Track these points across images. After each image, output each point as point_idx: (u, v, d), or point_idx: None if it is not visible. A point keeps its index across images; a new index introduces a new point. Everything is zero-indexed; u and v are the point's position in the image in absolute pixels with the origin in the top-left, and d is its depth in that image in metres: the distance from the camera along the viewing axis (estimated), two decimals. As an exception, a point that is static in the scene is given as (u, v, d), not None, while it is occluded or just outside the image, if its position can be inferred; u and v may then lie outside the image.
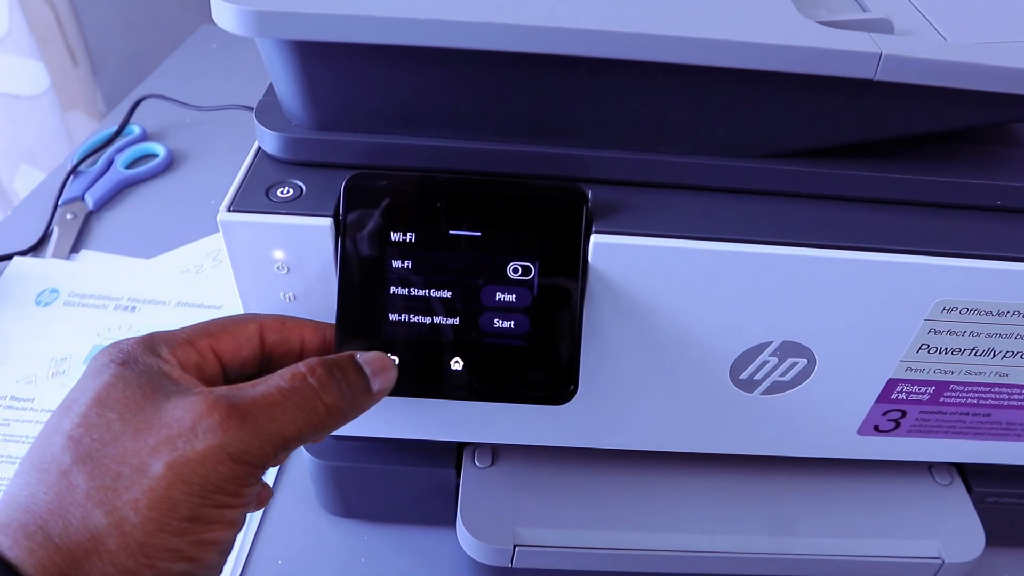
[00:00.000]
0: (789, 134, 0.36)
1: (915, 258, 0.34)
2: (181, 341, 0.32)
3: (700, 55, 0.32)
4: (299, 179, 0.36)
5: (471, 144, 0.36)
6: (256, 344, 0.34)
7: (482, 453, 0.47)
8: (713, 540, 0.44)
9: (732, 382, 0.40)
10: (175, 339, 0.32)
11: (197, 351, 0.32)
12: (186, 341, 0.32)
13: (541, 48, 0.32)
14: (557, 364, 0.35)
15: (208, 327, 0.34)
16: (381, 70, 0.34)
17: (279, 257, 0.35)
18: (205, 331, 0.33)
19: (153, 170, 0.82)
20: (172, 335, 0.33)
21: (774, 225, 0.35)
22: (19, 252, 0.70)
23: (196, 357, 0.32)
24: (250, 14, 0.31)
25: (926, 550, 0.45)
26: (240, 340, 0.34)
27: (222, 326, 0.34)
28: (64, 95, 1.12)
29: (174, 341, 0.32)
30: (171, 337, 0.33)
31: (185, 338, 0.33)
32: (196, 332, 0.33)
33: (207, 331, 0.33)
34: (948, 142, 0.39)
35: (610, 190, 0.36)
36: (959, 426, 0.42)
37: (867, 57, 0.32)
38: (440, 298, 0.35)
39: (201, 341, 0.33)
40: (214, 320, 0.34)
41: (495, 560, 0.44)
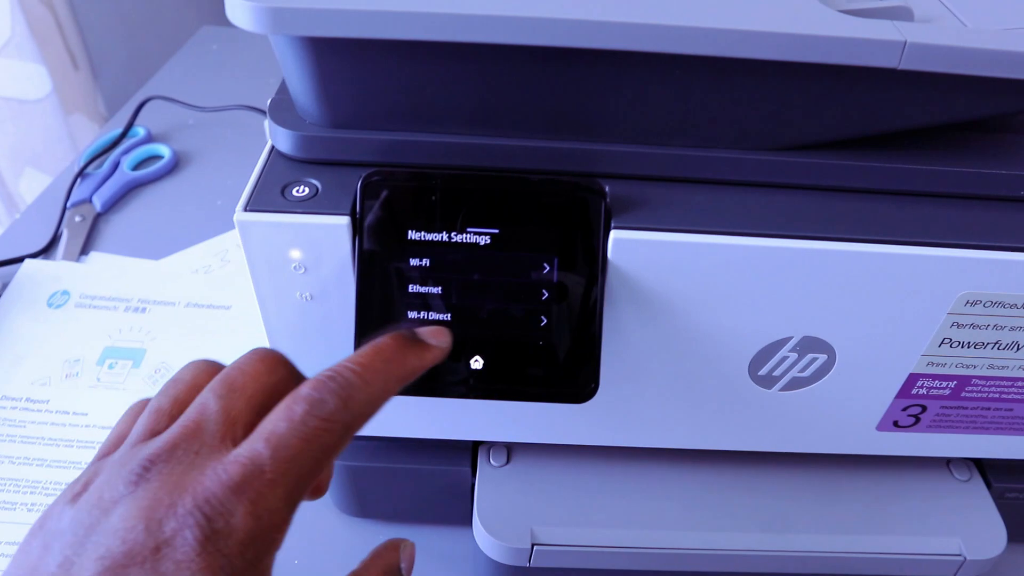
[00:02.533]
0: (810, 126, 0.36)
1: (938, 251, 0.34)
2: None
3: (722, 46, 0.31)
4: (314, 178, 0.36)
5: (488, 140, 0.36)
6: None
7: (497, 452, 0.47)
8: (730, 537, 0.44)
9: (751, 378, 0.39)
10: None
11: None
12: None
13: (558, 41, 0.31)
14: (577, 362, 0.35)
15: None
16: (396, 66, 0.34)
17: (296, 257, 0.35)
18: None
19: (159, 171, 0.81)
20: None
21: (794, 219, 0.35)
22: (30, 255, 0.70)
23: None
24: (265, 11, 0.31)
25: (947, 547, 0.44)
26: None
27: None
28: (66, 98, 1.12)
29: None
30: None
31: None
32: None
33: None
34: (969, 131, 0.38)
35: (629, 185, 0.36)
36: (980, 421, 0.42)
37: (891, 46, 0.32)
38: (458, 296, 0.35)
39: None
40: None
41: (513, 559, 0.43)
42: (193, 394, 0.30)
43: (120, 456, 0.28)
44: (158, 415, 0.29)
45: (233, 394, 0.28)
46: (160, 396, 0.30)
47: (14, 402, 0.58)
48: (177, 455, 0.27)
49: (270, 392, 0.29)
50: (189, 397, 0.30)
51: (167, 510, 0.25)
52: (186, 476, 0.26)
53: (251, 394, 0.29)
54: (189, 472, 0.26)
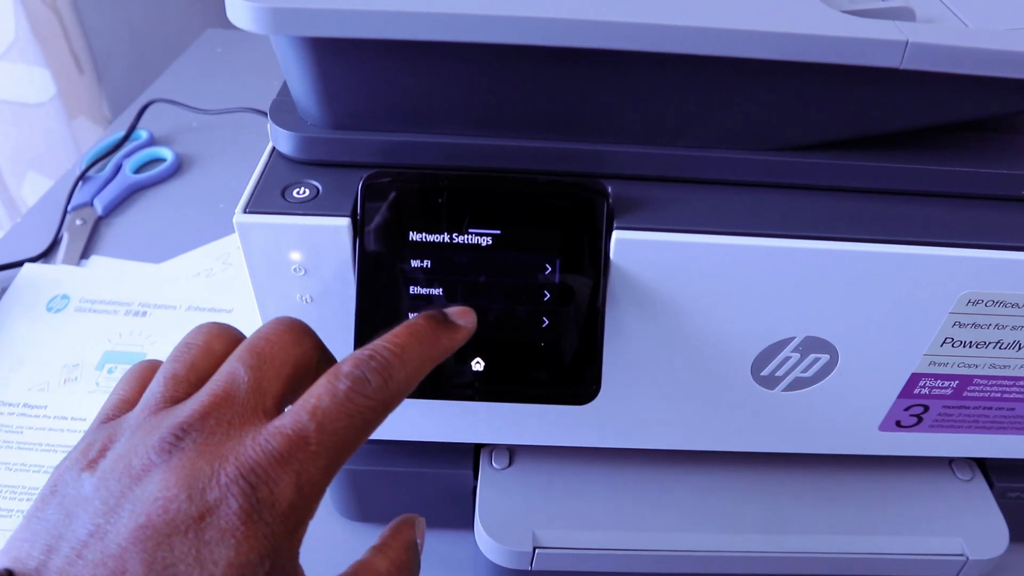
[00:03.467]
0: (812, 126, 0.36)
1: (940, 250, 0.34)
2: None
3: (724, 46, 0.31)
4: (315, 179, 0.36)
5: (489, 141, 0.36)
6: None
7: (499, 454, 0.47)
8: (732, 539, 0.44)
9: (753, 379, 0.39)
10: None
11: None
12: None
13: (560, 41, 0.31)
14: (580, 363, 0.35)
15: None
16: (398, 67, 0.34)
17: (296, 259, 0.35)
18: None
19: (161, 174, 0.81)
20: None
21: (797, 219, 0.35)
22: (30, 259, 0.70)
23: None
24: (265, 11, 0.31)
25: (950, 547, 0.44)
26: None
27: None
28: (70, 102, 1.12)
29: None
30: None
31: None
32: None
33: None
34: (970, 131, 0.38)
35: (631, 186, 0.36)
36: (982, 420, 0.42)
37: (893, 45, 0.32)
38: (459, 298, 0.35)
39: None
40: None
41: (515, 563, 0.43)
42: (210, 360, 0.30)
43: (140, 422, 0.28)
44: (175, 381, 0.29)
45: (263, 364, 0.29)
46: (174, 362, 0.30)
47: (12, 407, 0.58)
48: (210, 424, 0.27)
49: (297, 363, 0.29)
50: (207, 363, 0.30)
51: (209, 479, 0.25)
52: (223, 445, 0.26)
53: (279, 364, 0.29)
54: (226, 441, 0.26)
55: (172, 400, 0.28)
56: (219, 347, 0.30)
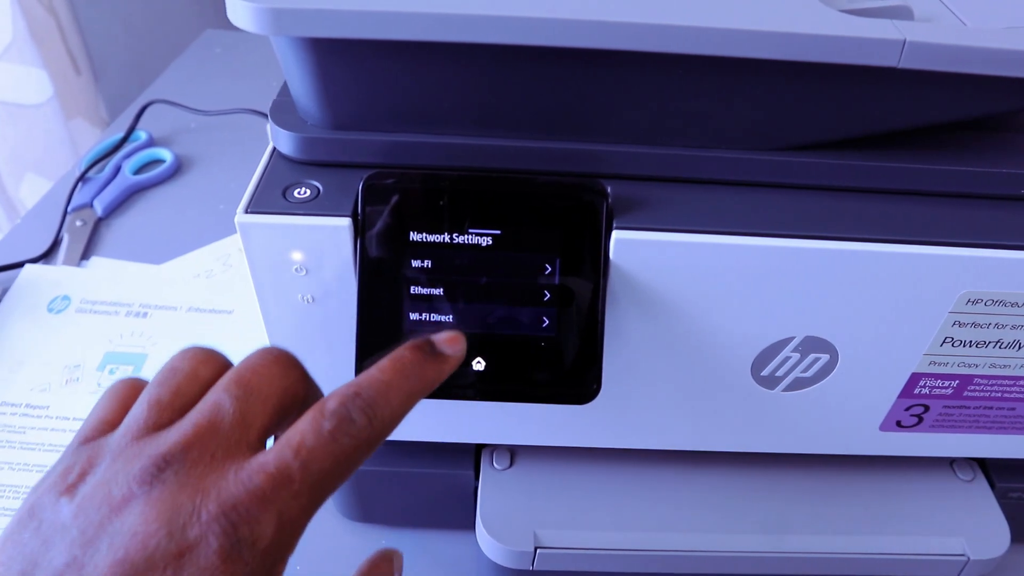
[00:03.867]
0: (810, 125, 0.36)
1: (939, 249, 0.34)
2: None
3: (723, 46, 0.31)
4: (316, 180, 0.36)
5: (489, 141, 0.36)
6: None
7: (500, 454, 0.47)
8: (733, 539, 0.44)
9: (753, 379, 0.39)
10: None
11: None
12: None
13: (560, 41, 0.31)
14: (580, 363, 0.35)
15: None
16: (398, 67, 0.34)
17: (297, 259, 0.35)
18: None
19: (161, 175, 0.81)
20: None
21: (796, 218, 0.35)
22: (30, 260, 0.70)
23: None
24: (266, 12, 0.31)
25: (951, 547, 0.44)
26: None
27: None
28: (67, 103, 1.12)
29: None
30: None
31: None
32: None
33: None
34: (969, 130, 0.38)
35: (630, 186, 0.36)
36: (983, 420, 0.42)
37: (890, 44, 0.32)
38: (460, 297, 0.35)
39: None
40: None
41: (516, 563, 0.43)
42: (195, 386, 0.29)
43: (121, 448, 0.27)
44: (159, 408, 0.29)
45: (250, 396, 0.28)
46: (159, 386, 0.29)
47: (14, 408, 0.58)
48: (192, 455, 0.26)
49: (284, 395, 0.29)
50: (191, 390, 0.29)
51: (190, 515, 0.25)
52: (205, 479, 0.26)
53: (266, 396, 0.28)
54: (208, 475, 0.26)
55: (155, 427, 0.28)
56: (205, 373, 0.30)
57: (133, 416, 0.29)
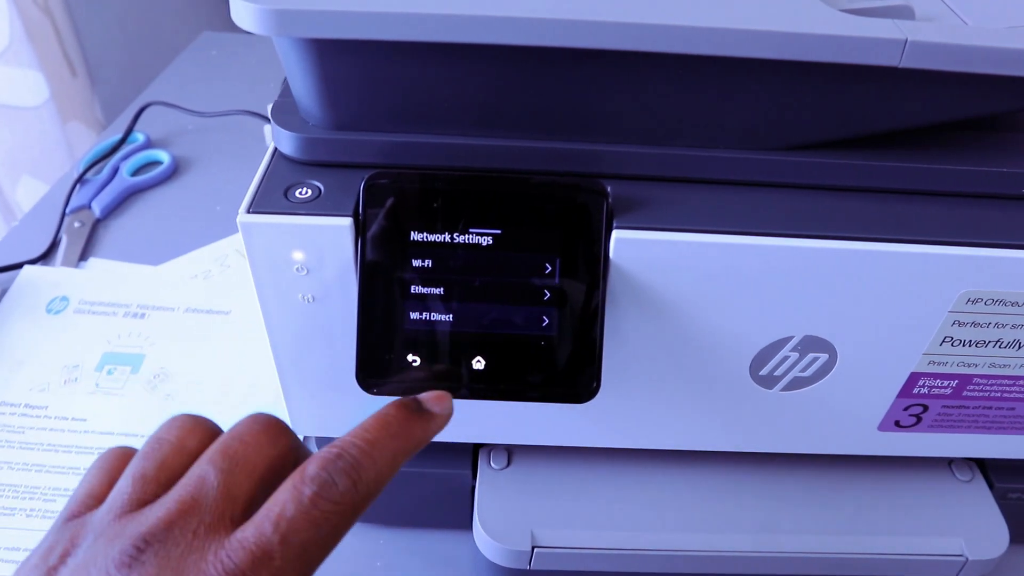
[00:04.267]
0: (811, 125, 0.36)
1: (939, 249, 0.34)
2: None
3: (724, 46, 0.31)
4: (317, 180, 0.36)
5: (490, 141, 0.36)
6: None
7: (498, 454, 0.47)
8: (731, 539, 0.44)
9: (752, 378, 0.39)
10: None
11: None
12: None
13: (561, 42, 0.31)
14: (579, 362, 0.35)
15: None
16: (400, 67, 0.34)
17: (298, 258, 0.35)
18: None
19: (158, 177, 0.81)
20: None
21: (796, 218, 0.35)
22: (29, 261, 0.70)
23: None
24: (269, 13, 0.31)
25: (949, 548, 0.44)
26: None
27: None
28: (63, 106, 1.12)
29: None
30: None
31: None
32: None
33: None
34: (969, 130, 0.39)
35: (631, 185, 0.36)
36: (982, 420, 0.42)
37: (892, 44, 0.32)
38: (460, 297, 0.35)
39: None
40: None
41: (514, 562, 0.43)
42: (181, 458, 0.29)
43: (103, 527, 0.26)
44: (144, 482, 0.28)
45: (235, 468, 0.27)
46: (144, 460, 0.29)
47: (13, 408, 0.58)
48: (174, 534, 0.25)
49: (271, 465, 0.28)
50: (177, 462, 0.29)
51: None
52: (185, 560, 0.25)
53: (252, 468, 0.28)
54: (188, 556, 0.25)
55: (139, 503, 0.27)
56: (192, 444, 0.29)
57: (118, 491, 0.28)
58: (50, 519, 0.51)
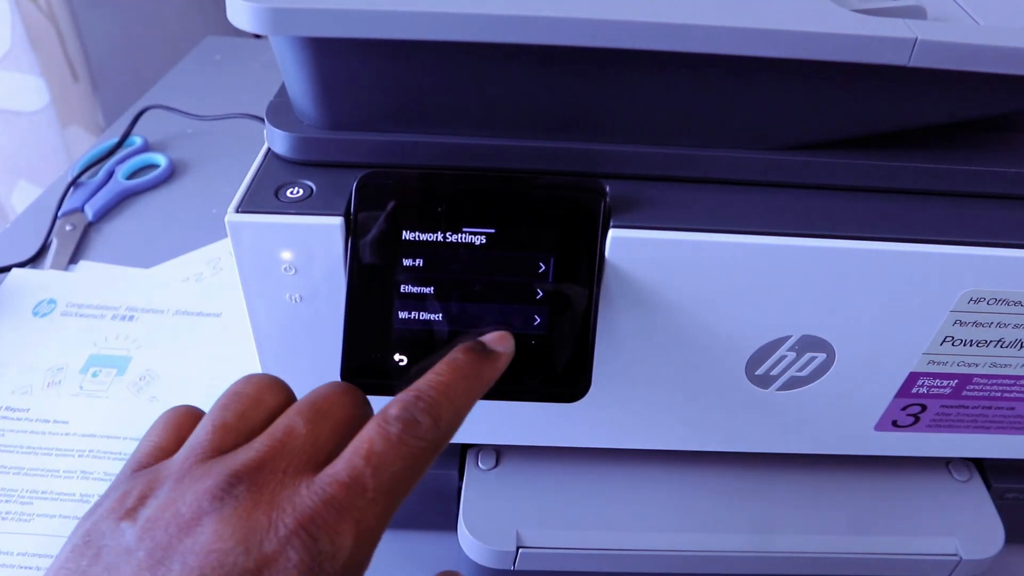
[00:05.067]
0: (815, 125, 0.35)
1: (942, 248, 0.34)
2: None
3: (731, 45, 0.31)
4: (310, 179, 0.35)
5: (485, 140, 0.35)
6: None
7: (486, 454, 0.46)
8: (722, 539, 0.44)
9: (748, 378, 0.39)
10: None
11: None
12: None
13: (558, 40, 0.31)
14: (571, 360, 0.35)
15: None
16: (395, 66, 0.33)
17: (287, 258, 0.34)
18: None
19: (154, 180, 0.81)
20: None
21: (795, 217, 0.35)
22: (17, 264, 0.70)
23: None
24: (265, 11, 0.30)
25: (943, 547, 0.44)
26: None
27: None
28: (63, 110, 1.12)
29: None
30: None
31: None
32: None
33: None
34: (971, 129, 0.38)
35: (627, 185, 0.35)
36: (981, 420, 0.41)
37: (901, 43, 0.31)
38: (453, 296, 0.34)
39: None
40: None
41: (497, 563, 0.43)
42: (260, 411, 0.29)
43: (184, 470, 0.26)
44: (224, 431, 0.28)
45: (322, 420, 0.28)
46: (223, 410, 0.29)
47: (-7, 411, 0.57)
48: (264, 473, 0.25)
49: (354, 425, 0.29)
50: (256, 415, 0.29)
51: (267, 530, 0.24)
52: (279, 495, 0.25)
53: (338, 423, 0.28)
54: (281, 491, 0.25)
55: (219, 450, 0.27)
56: (271, 400, 0.29)
57: (196, 439, 0.28)
58: (27, 522, 0.50)
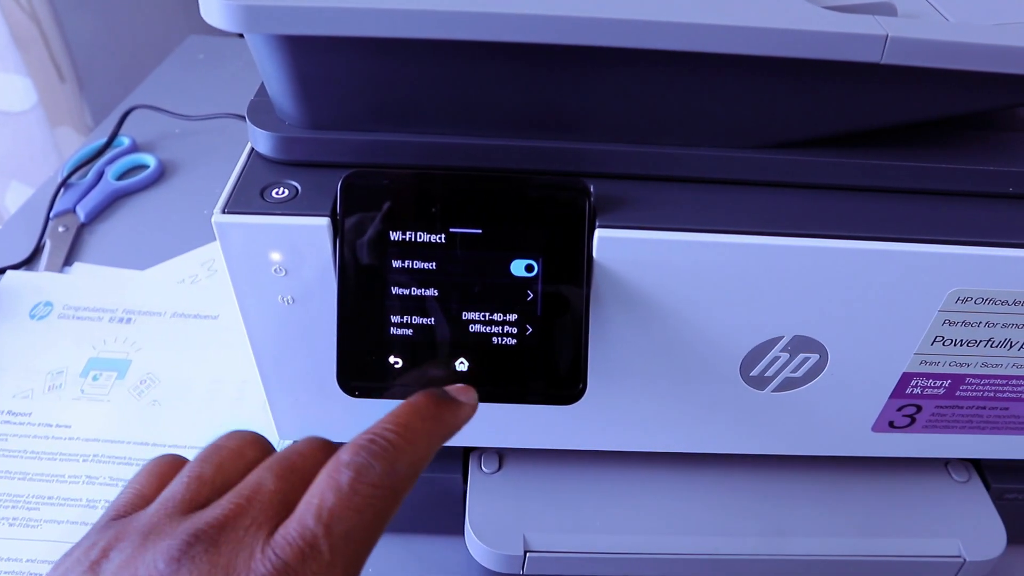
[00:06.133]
0: (794, 123, 0.35)
1: (927, 247, 0.34)
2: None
3: (704, 42, 0.31)
4: (294, 179, 0.35)
5: (470, 140, 0.35)
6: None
7: (489, 458, 0.46)
8: (725, 542, 0.43)
9: (743, 379, 0.39)
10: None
11: None
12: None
13: (540, 38, 0.31)
14: (564, 363, 0.35)
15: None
16: (375, 65, 0.33)
17: (276, 259, 0.34)
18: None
19: (144, 181, 0.81)
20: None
21: (782, 216, 0.34)
22: (12, 266, 0.69)
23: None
24: (239, 9, 0.30)
25: (947, 549, 0.44)
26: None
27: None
28: (52, 111, 1.11)
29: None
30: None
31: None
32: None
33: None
34: (955, 128, 0.38)
35: (613, 184, 0.35)
36: (976, 420, 0.41)
37: (872, 40, 0.31)
38: (442, 298, 0.34)
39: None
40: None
41: (506, 567, 0.43)
42: (238, 465, 0.28)
43: (153, 524, 0.26)
44: (200, 483, 0.27)
45: (293, 477, 0.27)
46: (202, 463, 0.28)
47: (-5, 415, 0.57)
48: (225, 534, 0.24)
49: None
50: (234, 468, 0.28)
51: None
52: (235, 559, 0.24)
53: (307, 478, 0.27)
54: (237, 554, 0.24)
55: (192, 504, 0.26)
56: (251, 454, 0.29)
57: (170, 491, 0.27)
58: (34, 528, 0.50)
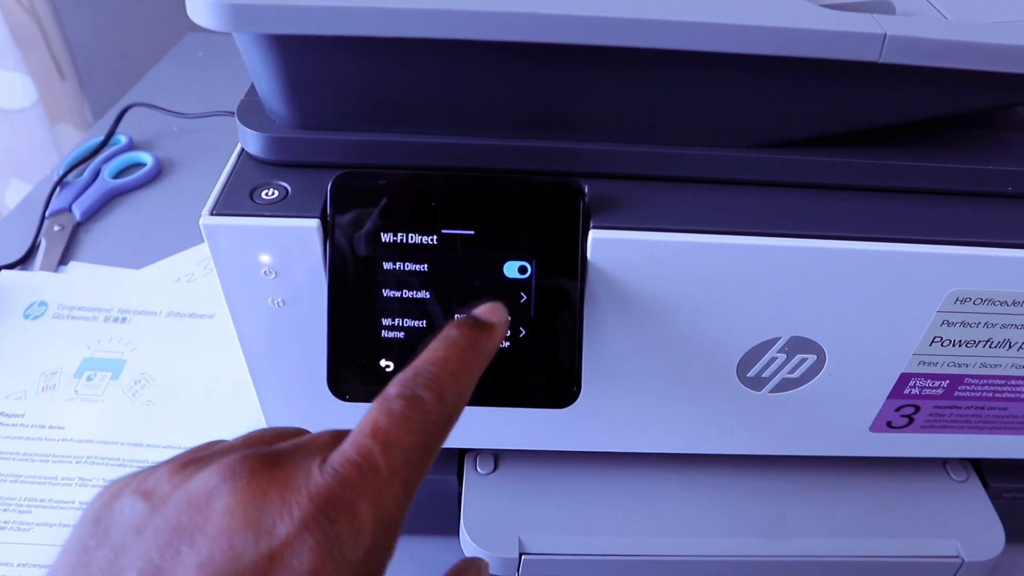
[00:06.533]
0: (791, 122, 0.35)
1: (925, 247, 0.33)
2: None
3: (700, 40, 0.30)
4: (284, 180, 0.35)
5: (462, 140, 0.35)
6: None
7: (484, 459, 0.46)
8: (722, 543, 0.43)
9: (740, 380, 0.38)
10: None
11: None
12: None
13: (532, 36, 0.30)
14: (559, 365, 0.34)
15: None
16: (364, 64, 0.33)
17: (266, 261, 0.34)
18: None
19: (141, 179, 0.80)
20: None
21: (779, 216, 0.34)
22: (6, 265, 0.69)
23: None
24: (226, 8, 0.29)
25: (945, 549, 0.43)
26: None
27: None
28: (52, 108, 1.11)
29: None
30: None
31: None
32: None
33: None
34: (954, 128, 0.38)
35: (607, 184, 0.35)
36: (974, 420, 0.41)
37: (871, 38, 0.31)
38: (435, 300, 0.34)
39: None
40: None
41: (501, 570, 0.42)
42: (296, 435, 0.28)
43: (210, 454, 0.25)
44: (260, 436, 0.27)
45: (344, 433, 0.26)
46: (261, 430, 0.28)
47: (-12, 417, 0.57)
48: (284, 458, 0.24)
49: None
50: (290, 433, 0.28)
51: (279, 510, 0.22)
52: (294, 474, 0.23)
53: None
54: (295, 472, 0.23)
55: (248, 445, 0.26)
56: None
57: (239, 437, 0.27)
58: (26, 531, 0.50)
